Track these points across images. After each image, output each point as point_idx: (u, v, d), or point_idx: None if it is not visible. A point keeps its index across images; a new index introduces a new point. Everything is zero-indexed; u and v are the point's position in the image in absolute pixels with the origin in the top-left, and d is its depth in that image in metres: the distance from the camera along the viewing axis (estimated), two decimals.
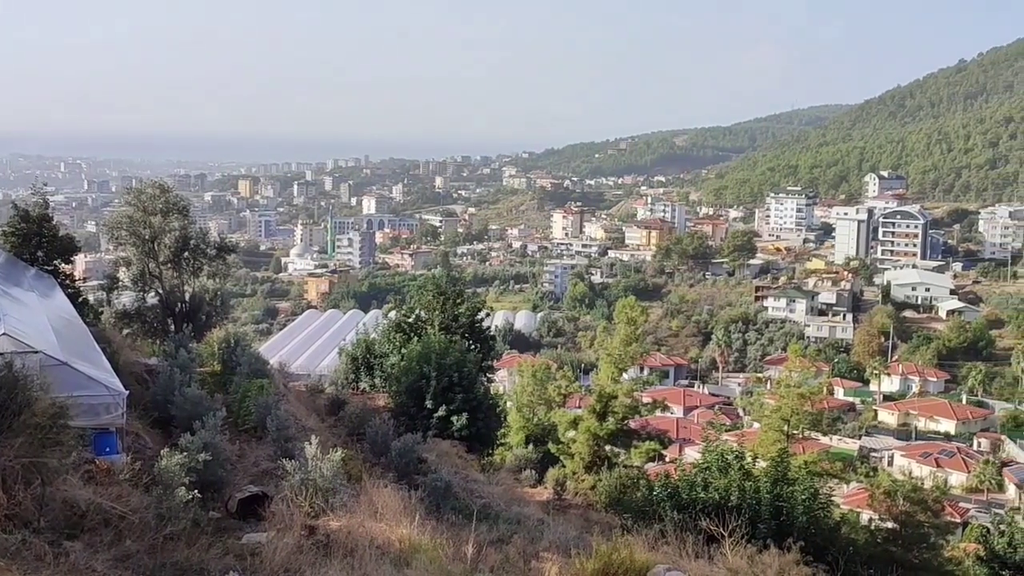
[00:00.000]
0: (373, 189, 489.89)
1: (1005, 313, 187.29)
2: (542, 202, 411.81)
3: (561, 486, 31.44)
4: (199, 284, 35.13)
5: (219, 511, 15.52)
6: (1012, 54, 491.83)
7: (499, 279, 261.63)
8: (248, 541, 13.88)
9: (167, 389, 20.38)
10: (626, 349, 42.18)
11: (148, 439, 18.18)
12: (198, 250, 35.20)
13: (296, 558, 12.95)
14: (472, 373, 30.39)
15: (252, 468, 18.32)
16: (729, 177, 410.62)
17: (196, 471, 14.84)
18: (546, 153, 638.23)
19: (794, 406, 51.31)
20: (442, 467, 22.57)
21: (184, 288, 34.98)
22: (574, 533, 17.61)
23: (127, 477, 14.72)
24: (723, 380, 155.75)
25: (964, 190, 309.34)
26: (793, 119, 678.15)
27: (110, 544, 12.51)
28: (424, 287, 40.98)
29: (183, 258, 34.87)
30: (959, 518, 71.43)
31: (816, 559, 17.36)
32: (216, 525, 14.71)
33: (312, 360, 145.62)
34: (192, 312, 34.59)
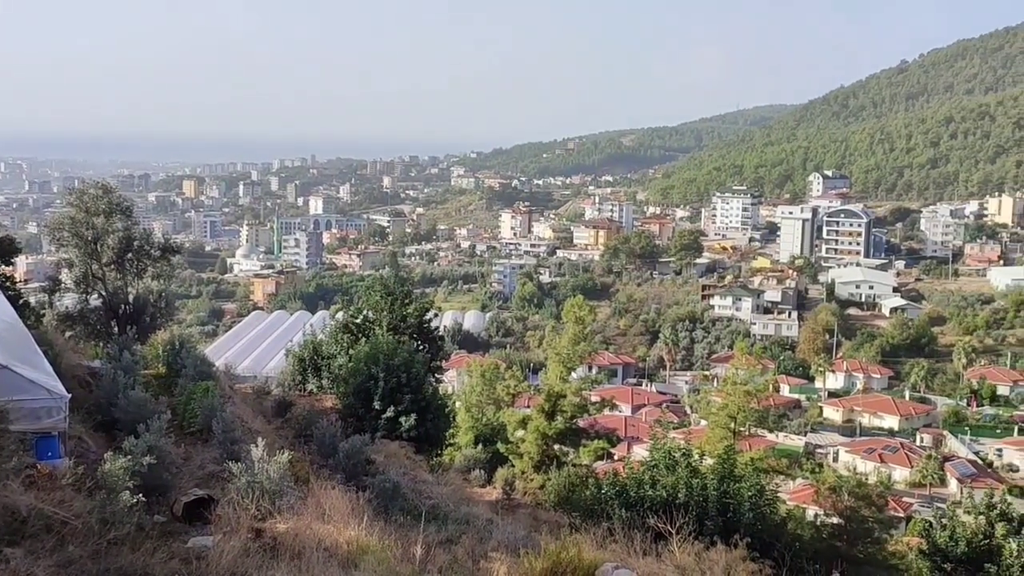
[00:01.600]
0: (320, 189, 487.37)
1: (947, 310, 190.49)
2: (490, 202, 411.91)
3: (510, 486, 31.49)
4: (143, 286, 34.65)
5: (164, 515, 15.35)
6: (952, 55, 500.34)
7: (448, 279, 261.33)
8: (194, 545, 13.74)
9: (111, 392, 20.11)
10: (574, 348, 42.34)
11: (91, 443, 17.93)
12: (142, 251, 34.72)
13: (243, 561, 12.84)
14: (420, 374, 30.31)
15: (198, 471, 18.12)
16: (676, 177, 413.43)
17: (141, 475, 14.66)
18: (494, 153, 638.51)
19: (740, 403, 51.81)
20: (390, 468, 22.49)
21: (128, 290, 34.49)
22: (523, 532, 17.62)
23: (70, 482, 14.50)
24: (671, 378, 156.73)
25: (906, 189, 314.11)
26: (739, 119, 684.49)
27: (52, 550, 12.32)
28: (372, 288, 40.84)
29: (127, 259, 34.37)
30: (902, 513, 72.38)
31: (762, 555, 17.53)
32: (161, 529, 14.54)
33: (259, 362, 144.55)
34: (136, 314, 34.13)
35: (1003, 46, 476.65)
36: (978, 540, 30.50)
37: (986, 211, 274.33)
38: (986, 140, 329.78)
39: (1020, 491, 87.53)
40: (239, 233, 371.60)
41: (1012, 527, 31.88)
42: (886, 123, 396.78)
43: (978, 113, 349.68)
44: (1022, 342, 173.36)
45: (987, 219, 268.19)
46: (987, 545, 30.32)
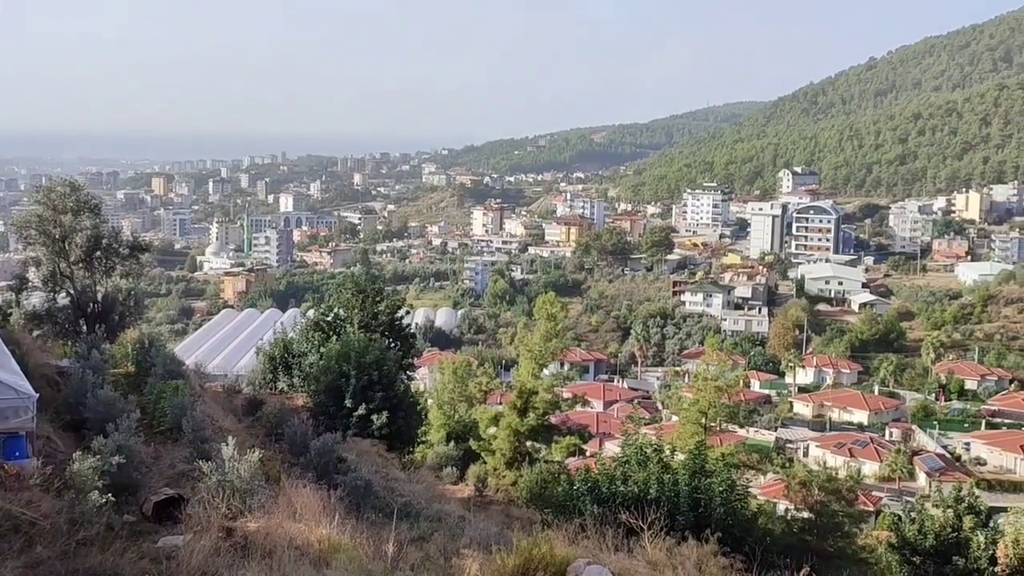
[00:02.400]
0: (290, 186, 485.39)
1: (915, 306, 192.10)
2: (462, 199, 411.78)
3: (482, 482, 31.51)
4: (112, 284, 34.39)
5: (134, 515, 15.25)
6: (920, 52, 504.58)
7: (419, 276, 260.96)
8: (164, 544, 13.66)
9: (79, 391, 19.96)
10: (546, 345, 42.40)
11: (60, 443, 17.80)
12: (110, 249, 34.46)
13: (213, 560, 12.78)
14: (392, 371, 30.26)
15: (168, 470, 18.03)
16: (647, 173, 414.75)
17: (110, 474, 14.56)
18: (466, 150, 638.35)
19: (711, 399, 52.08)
20: (362, 466, 22.45)
21: (96, 288, 34.24)
22: (495, 529, 17.64)
23: (38, 482, 14.39)
24: (642, 374, 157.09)
25: (875, 185, 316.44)
26: (709, 116, 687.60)
27: (20, 551, 12.22)
28: (343, 285, 40.72)
29: (95, 257, 34.12)
30: (872, 507, 72.93)
31: (733, 550, 17.61)
32: (131, 529, 14.44)
33: (229, 360, 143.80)
34: (105, 313, 33.88)
35: (970, 43, 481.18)
36: (946, 533, 30.78)
37: (954, 207, 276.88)
38: (954, 137, 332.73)
39: (988, 484, 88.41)
40: (209, 231, 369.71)
41: (980, 520, 32.20)
42: (855, 120, 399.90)
43: (946, 110, 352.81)
44: (989, 337, 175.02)
45: (955, 215, 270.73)
46: (955, 538, 30.60)
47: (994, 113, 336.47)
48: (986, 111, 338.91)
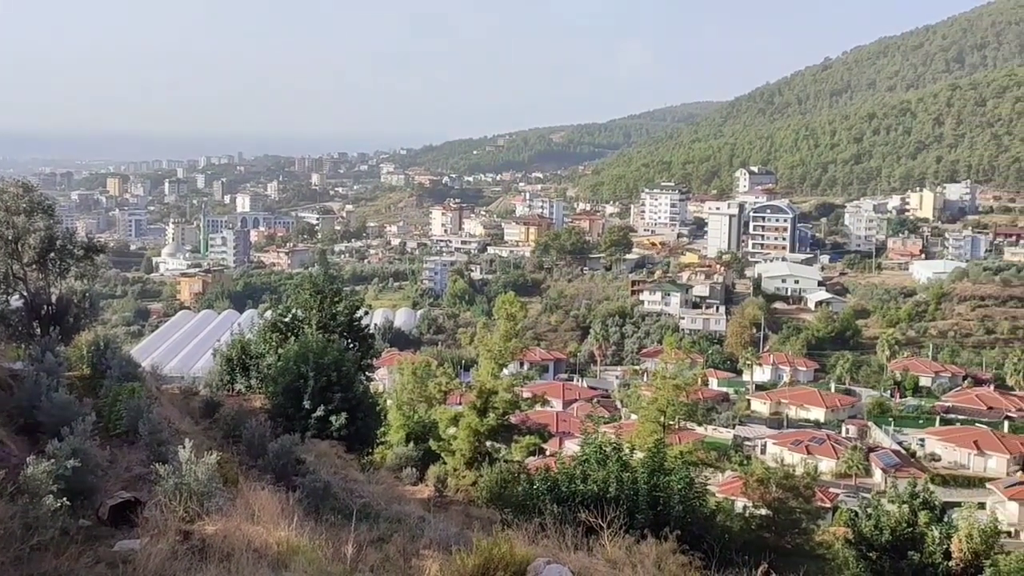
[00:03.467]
0: (247, 187, 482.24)
1: (870, 303, 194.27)
2: (421, 199, 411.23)
3: (442, 483, 31.48)
4: (66, 286, 33.95)
5: (90, 519, 15.08)
6: (874, 52, 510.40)
7: (378, 277, 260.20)
8: (120, 548, 13.52)
9: (33, 394, 19.70)
10: (506, 345, 42.42)
11: (13, 447, 17.57)
12: (65, 251, 33.98)
13: (171, 564, 12.67)
14: (351, 372, 30.14)
15: (124, 474, 17.84)
16: (605, 173, 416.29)
17: (65, 478, 14.39)
18: (424, 150, 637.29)
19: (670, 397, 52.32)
20: (321, 468, 22.35)
21: (50, 290, 33.79)
22: (455, 529, 17.62)
23: None
24: (601, 373, 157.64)
25: (830, 184, 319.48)
26: (666, 116, 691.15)
27: None
28: (301, 286, 40.48)
29: (49, 259, 33.63)
30: (829, 503, 73.68)
31: (692, 547, 17.69)
32: (87, 533, 14.28)
33: (186, 362, 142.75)
34: (59, 315, 33.44)
35: (923, 44, 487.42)
36: (902, 529, 31.14)
37: (908, 206, 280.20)
38: (907, 136, 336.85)
39: (942, 480, 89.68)
40: (165, 232, 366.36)
41: (934, 515, 32.61)
42: (811, 119, 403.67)
43: (900, 110, 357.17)
44: (943, 334, 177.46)
45: (909, 214, 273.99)
46: (910, 533, 30.98)
47: (947, 113, 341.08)
48: (939, 111, 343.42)
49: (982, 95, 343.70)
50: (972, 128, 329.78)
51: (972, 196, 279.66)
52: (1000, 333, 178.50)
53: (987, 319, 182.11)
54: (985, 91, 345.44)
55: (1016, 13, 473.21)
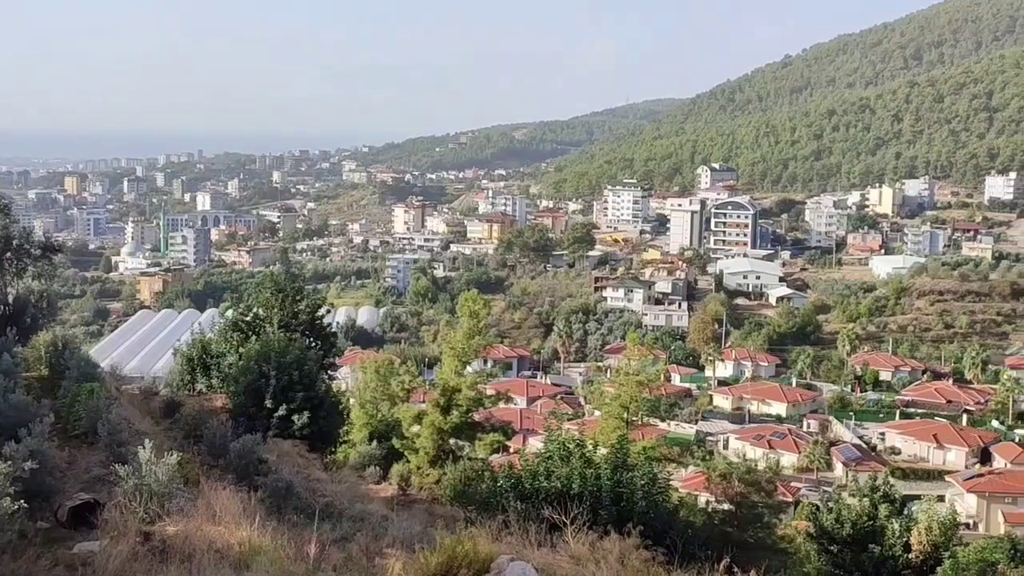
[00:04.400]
0: (208, 185, 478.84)
1: (831, 299, 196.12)
2: (383, 196, 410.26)
3: (406, 481, 31.44)
4: (23, 286, 33.55)
5: (48, 521, 14.93)
6: (833, 50, 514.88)
7: (340, 275, 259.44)
8: (80, 551, 13.40)
9: None
10: (469, 342, 42.37)
11: None
12: (21, 250, 33.56)
13: (131, 566, 12.57)
14: (313, 371, 29.97)
15: (83, 475, 17.67)
16: (568, 170, 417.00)
17: (22, 480, 14.22)
18: (386, 147, 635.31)
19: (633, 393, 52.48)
20: (283, 467, 22.23)
21: (7, 290, 33.41)
22: (418, 528, 17.58)
23: None
24: (565, 370, 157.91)
25: (791, 181, 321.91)
26: (628, 113, 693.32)
27: None
28: (262, 284, 40.20)
29: (5, 259, 33.22)
30: (791, 497, 74.25)
31: (655, 543, 17.75)
32: (45, 536, 14.15)
33: (146, 362, 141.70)
34: (16, 315, 33.05)
35: (882, 41, 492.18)
36: (863, 522, 31.42)
37: (867, 202, 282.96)
38: (867, 132, 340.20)
39: (902, 473, 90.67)
40: (124, 231, 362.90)
41: (894, 508, 32.92)
42: (771, 116, 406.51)
43: (859, 106, 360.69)
44: (903, 329, 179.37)
45: (868, 209, 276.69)
46: (871, 526, 31.26)
47: (906, 109, 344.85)
48: (898, 107, 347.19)
49: (940, 92, 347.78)
50: (930, 124, 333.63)
51: (930, 192, 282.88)
52: (958, 327, 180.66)
53: (946, 314, 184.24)
54: (943, 88, 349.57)
55: (972, 11, 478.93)
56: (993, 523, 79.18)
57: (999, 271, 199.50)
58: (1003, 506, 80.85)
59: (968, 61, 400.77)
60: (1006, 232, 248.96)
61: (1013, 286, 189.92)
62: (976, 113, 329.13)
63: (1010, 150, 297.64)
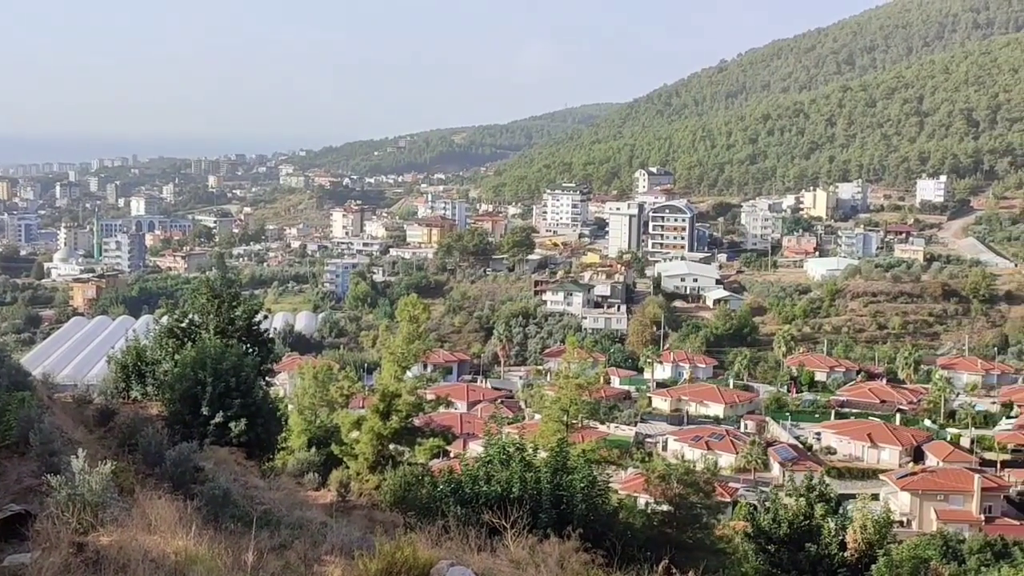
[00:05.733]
0: (142, 189, 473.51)
1: (767, 301, 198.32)
2: (321, 200, 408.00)
3: (345, 487, 31.18)
4: None
5: None
6: (768, 55, 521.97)
7: (278, 280, 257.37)
8: (11, 563, 13.16)
9: None
10: (409, 347, 42.23)
11: None
12: None
13: None
14: (250, 377, 29.68)
15: (14, 486, 17.35)
16: (507, 174, 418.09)
17: None
18: (324, 151, 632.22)
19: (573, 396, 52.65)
20: (220, 475, 21.98)
21: None
22: (358, 534, 17.49)
23: None
24: (505, 374, 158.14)
25: (727, 184, 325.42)
26: (567, 117, 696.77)
27: None
28: (198, 290, 39.72)
29: None
30: (729, 498, 75.03)
31: (595, 545, 17.84)
32: None
33: (79, 369, 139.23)
34: None
35: (815, 46, 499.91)
36: (799, 521, 31.86)
37: (802, 205, 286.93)
38: (801, 137, 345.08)
39: (837, 472, 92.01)
40: (56, 236, 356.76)
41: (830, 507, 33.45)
42: (707, 121, 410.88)
43: (793, 111, 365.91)
44: (837, 330, 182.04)
45: (803, 212, 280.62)
46: (807, 526, 31.71)
47: (839, 114, 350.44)
48: (831, 112, 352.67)
49: (872, 96, 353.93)
50: (863, 128, 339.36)
51: (863, 195, 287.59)
52: (891, 328, 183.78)
53: (879, 315, 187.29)
54: (875, 92, 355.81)
55: (903, 17, 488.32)
56: (926, 520, 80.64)
57: (930, 272, 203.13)
58: (936, 503, 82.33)
59: (899, 66, 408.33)
60: (937, 234, 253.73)
61: (944, 287, 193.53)
62: (907, 117, 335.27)
63: (940, 154, 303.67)
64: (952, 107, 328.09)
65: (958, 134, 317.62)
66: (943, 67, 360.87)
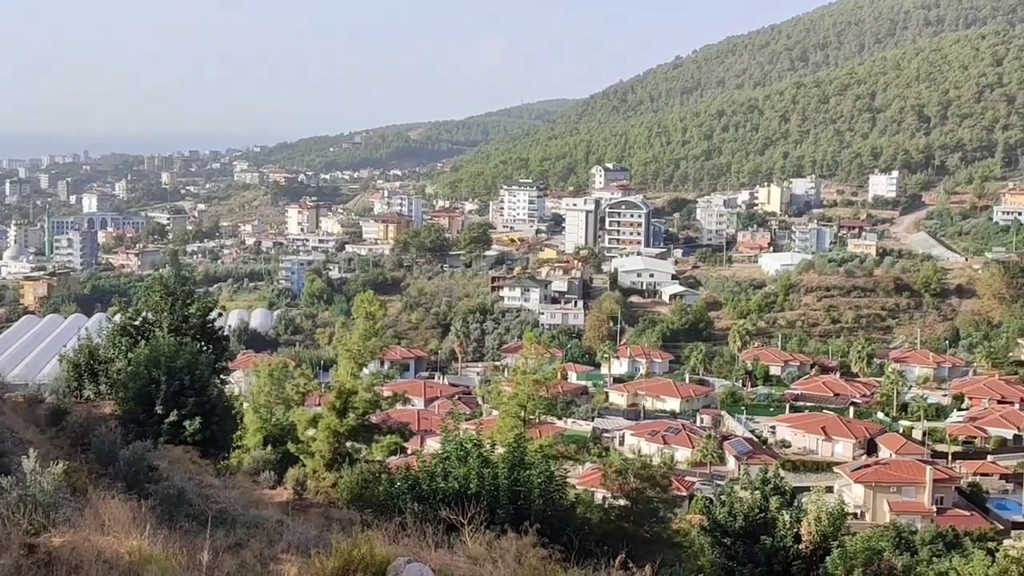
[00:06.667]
0: (94, 186, 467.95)
1: (722, 296, 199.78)
2: (276, 197, 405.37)
3: (301, 485, 31.02)
4: None
5: None
6: (723, 51, 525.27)
7: (232, 277, 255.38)
8: None
9: None
10: (365, 344, 42.01)
11: None
12: None
13: None
14: (205, 375, 29.47)
15: None
16: (464, 170, 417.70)
17: None
18: (279, 147, 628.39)
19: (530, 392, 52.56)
20: (175, 474, 21.80)
21: None
22: (314, 532, 17.42)
23: None
24: (462, 370, 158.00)
25: (682, 180, 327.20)
26: (523, 113, 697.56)
27: None
28: (151, 288, 39.42)
29: None
30: (685, 491, 75.47)
31: (552, 540, 17.87)
32: None
33: (31, 369, 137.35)
34: None
35: (769, 43, 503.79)
36: (754, 514, 32.04)
37: (756, 200, 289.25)
38: (755, 133, 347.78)
39: (792, 465, 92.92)
40: (6, 234, 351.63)
41: (785, 500, 33.66)
42: (663, 117, 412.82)
43: (747, 107, 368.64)
44: (791, 324, 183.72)
45: (758, 208, 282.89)
46: (763, 518, 31.90)
47: (792, 110, 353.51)
48: (785, 108, 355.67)
49: (825, 93, 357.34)
50: (816, 124, 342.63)
51: (817, 190, 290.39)
52: (844, 322, 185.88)
53: (832, 309, 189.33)
54: (828, 89, 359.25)
55: (855, 13, 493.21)
56: (879, 512, 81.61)
57: (883, 267, 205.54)
58: (888, 495, 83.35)
59: (852, 63, 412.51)
60: (889, 229, 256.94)
61: (896, 281, 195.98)
62: (860, 113, 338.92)
63: (892, 149, 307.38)
64: (904, 103, 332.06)
65: (909, 130, 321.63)
66: (895, 64, 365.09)
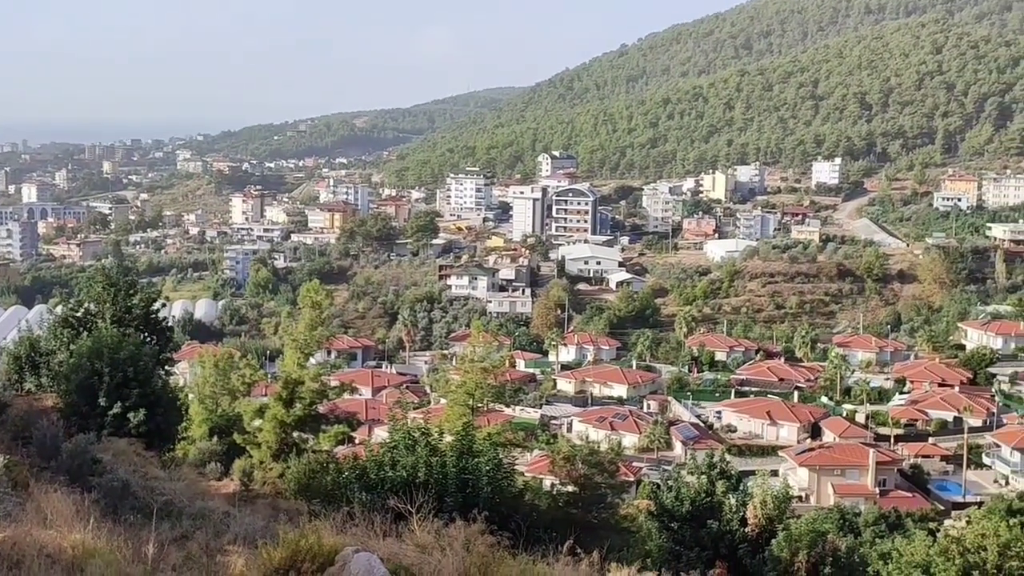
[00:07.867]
0: (33, 176, 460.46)
1: (668, 282, 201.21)
2: (220, 186, 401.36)
3: (248, 477, 30.89)
4: None
5: None
6: (668, 39, 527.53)
7: (176, 267, 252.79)
8: None
9: None
10: (311, 333, 41.80)
11: None
12: None
13: None
14: (148, 367, 29.19)
15: None
16: (410, 159, 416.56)
17: None
18: (223, 135, 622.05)
19: (478, 380, 52.64)
20: (119, 467, 21.59)
21: None
22: (261, 523, 17.35)
23: None
24: (410, 359, 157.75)
25: (628, 168, 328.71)
26: (470, 101, 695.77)
27: None
28: (93, 278, 38.89)
29: None
30: (633, 477, 75.98)
31: (501, 527, 17.88)
32: None
33: None
34: None
35: (713, 31, 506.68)
36: (701, 499, 32.32)
37: (702, 187, 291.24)
38: (700, 120, 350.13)
39: (738, 450, 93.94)
40: None
41: (731, 484, 33.98)
42: (609, 105, 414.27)
43: (692, 95, 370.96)
44: (736, 310, 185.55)
45: (703, 195, 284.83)
46: (709, 503, 32.19)
47: (737, 98, 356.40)
48: (729, 96, 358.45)
49: (769, 80, 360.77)
50: (760, 112, 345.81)
51: (761, 178, 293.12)
52: (789, 308, 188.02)
53: (777, 295, 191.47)
54: (771, 76, 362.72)
55: (798, 2, 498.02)
56: (824, 495, 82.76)
57: (826, 253, 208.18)
58: (832, 478, 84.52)
59: (795, 51, 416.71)
60: (832, 216, 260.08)
61: (839, 267, 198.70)
62: (803, 101, 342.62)
63: (835, 136, 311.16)
64: (846, 91, 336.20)
65: (852, 117, 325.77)
66: (837, 52, 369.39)
